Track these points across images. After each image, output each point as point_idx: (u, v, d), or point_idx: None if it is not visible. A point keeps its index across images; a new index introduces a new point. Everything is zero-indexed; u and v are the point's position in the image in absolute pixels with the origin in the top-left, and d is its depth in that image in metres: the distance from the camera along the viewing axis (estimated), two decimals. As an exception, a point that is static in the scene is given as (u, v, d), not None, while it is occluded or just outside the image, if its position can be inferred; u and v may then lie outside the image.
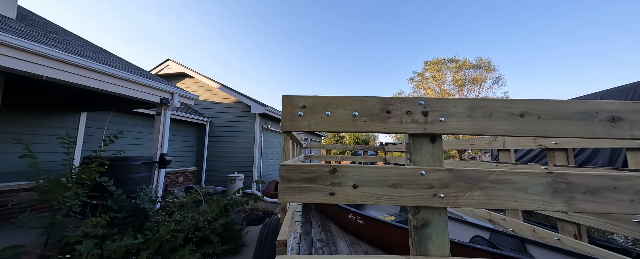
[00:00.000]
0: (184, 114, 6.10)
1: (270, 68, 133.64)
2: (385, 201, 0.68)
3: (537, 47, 39.36)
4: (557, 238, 1.41)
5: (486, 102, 0.68)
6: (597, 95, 3.58)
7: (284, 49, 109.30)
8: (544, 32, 37.58)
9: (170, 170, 5.89)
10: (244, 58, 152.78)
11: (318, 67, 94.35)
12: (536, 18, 36.68)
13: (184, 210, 2.90)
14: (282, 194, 0.67)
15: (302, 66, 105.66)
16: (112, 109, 3.99)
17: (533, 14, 36.71)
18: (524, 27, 37.90)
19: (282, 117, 0.72)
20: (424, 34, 50.87)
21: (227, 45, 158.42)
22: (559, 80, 45.16)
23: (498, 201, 0.65)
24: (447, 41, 45.86)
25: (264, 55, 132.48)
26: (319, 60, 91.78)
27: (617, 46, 36.73)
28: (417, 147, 0.72)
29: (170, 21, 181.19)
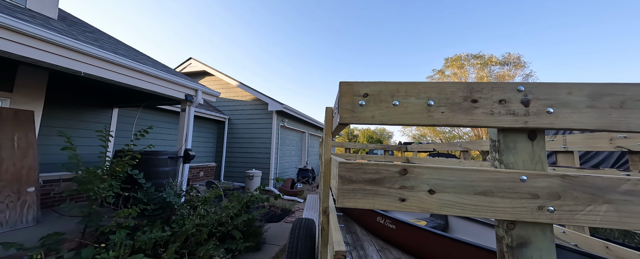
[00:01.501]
0: (205, 111, 6.26)
1: (279, 68, 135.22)
2: (471, 211, 0.54)
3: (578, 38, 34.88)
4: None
5: (616, 88, 0.52)
6: None
7: (288, 47, 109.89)
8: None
9: (192, 165, 6.09)
10: (262, 60, 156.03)
11: (323, 70, 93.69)
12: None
13: (207, 205, 2.93)
14: (343, 197, 0.56)
15: (301, 69, 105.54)
16: (141, 105, 4.16)
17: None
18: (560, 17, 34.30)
19: (340, 108, 0.60)
20: (448, 29, 48.44)
21: (245, 47, 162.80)
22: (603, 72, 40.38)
23: (635, 220, 0.49)
24: (474, 36, 43.20)
25: (273, 55, 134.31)
26: (324, 64, 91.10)
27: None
28: (510, 146, 0.57)
29: (192, 22, 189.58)
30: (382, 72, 71.63)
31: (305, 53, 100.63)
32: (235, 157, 7.06)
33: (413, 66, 60.31)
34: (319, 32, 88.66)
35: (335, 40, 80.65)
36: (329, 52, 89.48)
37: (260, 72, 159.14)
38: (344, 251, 0.72)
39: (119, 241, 2.00)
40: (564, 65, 38.32)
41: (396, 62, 65.68)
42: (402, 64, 64.16)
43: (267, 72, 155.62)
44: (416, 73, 65.64)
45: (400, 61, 64.69)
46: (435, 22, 49.16)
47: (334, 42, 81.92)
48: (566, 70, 38.44)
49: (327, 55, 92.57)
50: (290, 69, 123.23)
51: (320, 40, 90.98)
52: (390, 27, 61.15)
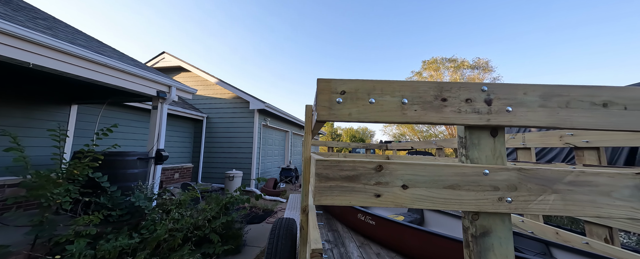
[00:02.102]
0: (181, 109, 5.90)
1: (264, 67, 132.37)
2: (441, 204, 0.57)
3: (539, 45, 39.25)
4: (586, 242, 1.34)
5: (563, 89, 0.58)
6: None
7: (279, 48, 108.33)
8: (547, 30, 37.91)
9: (166, 166, 5.71)
10: (245, 56, 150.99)
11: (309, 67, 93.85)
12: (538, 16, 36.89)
13: (182, 208, 2.76)
14: (320, 194, 0.56)
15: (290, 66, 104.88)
16: (105, 101, 3.79)
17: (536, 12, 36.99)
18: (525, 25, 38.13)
19: (318, 105, 0.60)
20: (422, 33, 51.01)
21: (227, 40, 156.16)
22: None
23: (577, 207, 0.55)
24: (446, 41, 46.08)
25: (257, 53, 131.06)
26: (309, 60, 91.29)
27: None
28: (475, 142, 0.61)
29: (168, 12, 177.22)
30: (368, 68, 73.37)
31: (293, 48, 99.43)
32: (214, 157, 6.76)
33: (394, 67, 62.71)
34: (310, 27, 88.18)
35: (325, 35, 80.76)
36: (317, 47, 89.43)
37: (245, 68, 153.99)
38: (321, 249, 0.72)
39: (78, 251, 1.81)
40: (526, 69, 43.01)
41: (381, 58, 67.77)
42: (385, 60, 66.36)
43: (251, 68, 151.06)
44: (397, 73, 68.39)
45: (383, 59, 66.82)
46: (417, 24, 51.64)
47: (324, 37, 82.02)
48: (528, 74, 43.14)
49: (314, 49, 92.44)
50: (276, 64, 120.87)
51: (309, 35, 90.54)
52: (379, 23, 62.79)
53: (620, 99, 0.56)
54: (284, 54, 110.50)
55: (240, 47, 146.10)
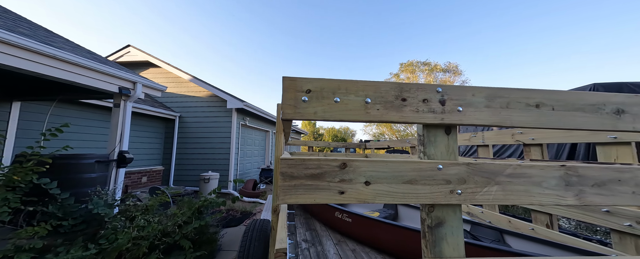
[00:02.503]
0: (149, 108, 5.46)
1: (239, 66, 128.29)
2: (400, 199, 0.61)
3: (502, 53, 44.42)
4: (532, 228, 1.51)
5: (504, 92, 0.65)
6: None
7: (254, 44, 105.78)
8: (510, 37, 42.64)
9: (131, 170, 5.25)
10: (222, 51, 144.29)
11: (289, 65, 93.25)
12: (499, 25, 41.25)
13: (149, 214, 2.56)
14: (284, 194, 0.56)
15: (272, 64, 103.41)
16: (55, 98, 3.36)
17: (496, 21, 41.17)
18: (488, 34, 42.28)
19: (283, 103, 0.60)
20: (401, 37, 53.44)
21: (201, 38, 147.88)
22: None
23: (515, 196, 0.62)
24: (421, 45, 48.88)
25: (234, 53, 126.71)
26: (289, 57, 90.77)
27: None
28: (432, 140, 0.66)
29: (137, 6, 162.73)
30: (350, 68, 74.76)
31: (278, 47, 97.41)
32: (187, 159, 6.37)
33: (375, 67, 64.83)
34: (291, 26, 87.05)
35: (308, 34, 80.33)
36: (300, 47, 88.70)
37: (225, 66, 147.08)
38: (285, 249, 0.72)
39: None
40: (490, 73, 47.95)
41: (362, 57, 69.53)
42: (367, 63, 68.25)
43: (230, 65, 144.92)
44: (377, 74, 70.80)
45: (364, 59, 68.65)
46: (398, 28, 54.01)
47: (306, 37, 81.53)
48: (492, 78, 48.16)
49: (297, 49, 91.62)
50: (260, 63, 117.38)
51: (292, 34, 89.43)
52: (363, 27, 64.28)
53: (549, 100, 0.65)
54: (269, 53, 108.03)
55: (222, 44, 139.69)
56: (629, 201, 0.62)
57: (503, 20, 40.22)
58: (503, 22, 40.40)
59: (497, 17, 39.98)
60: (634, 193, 0.62)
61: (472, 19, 41.42)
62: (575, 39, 41.27)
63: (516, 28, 40.57)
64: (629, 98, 0.64)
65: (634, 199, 0.62)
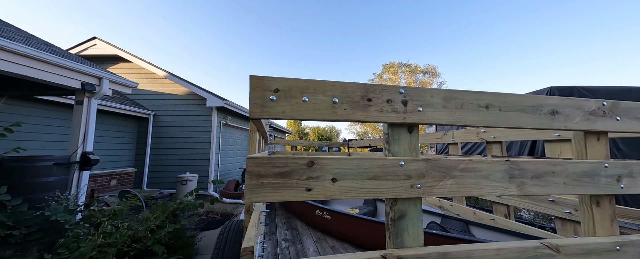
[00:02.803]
0: (119, 105, 5.08)
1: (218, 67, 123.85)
2: (365, 194, 0.64)
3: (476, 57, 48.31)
4: (492, 218, 1.66)
5: (459, 94, 0.70)
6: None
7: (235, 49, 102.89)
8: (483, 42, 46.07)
9: (98, 172, 4.85)
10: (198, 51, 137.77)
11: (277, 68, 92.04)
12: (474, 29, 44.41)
13: (118, 219, 2.39)
14: (250, 192, 0.56)
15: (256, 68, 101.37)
16: (4, 94, 3.00)
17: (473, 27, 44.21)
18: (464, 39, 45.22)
19: (250, 102, 0.60)
20: (384, 39, 55.04)
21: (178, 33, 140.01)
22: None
23: (467, 189, 0.68)
24: (403, 47, 50.83)
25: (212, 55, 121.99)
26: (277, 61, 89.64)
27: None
28: (396, 138, 0.70)
29: None
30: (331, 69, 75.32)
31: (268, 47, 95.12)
32: (163, 160, 6.02)
33: (360, 69, 66.08)
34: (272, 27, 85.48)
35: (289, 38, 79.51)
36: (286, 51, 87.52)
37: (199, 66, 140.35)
38: (252, 247, 0.72)
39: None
40: (465, 76, 51.59)
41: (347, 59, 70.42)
42: (351, 65, 69.27)
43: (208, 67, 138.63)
44: (361, 75, 72.11)
45: (349, 61, 69.58)
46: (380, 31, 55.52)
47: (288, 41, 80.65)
48: (468, 80, 51.85)
49: (285, 54, 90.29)
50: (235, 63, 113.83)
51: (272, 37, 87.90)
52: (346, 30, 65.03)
53: (497, 102, 0.72)
54: (256, 58, 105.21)
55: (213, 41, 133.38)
56: (561, 190, 0.71)
57: (476, 25, 43.57)
58: (476, 27, 43.79)
59: (472, 22, 43.17)
60: (564, 183, 0.71)
61: (449, 23, 44.15)
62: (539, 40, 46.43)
63: (488, 31, 44.31)
64: (561, 101, 0.74)
65: (565, 189, 0.71)
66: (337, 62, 74.03)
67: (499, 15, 43.86)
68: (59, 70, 2.43)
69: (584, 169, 0.73)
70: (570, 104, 0.74)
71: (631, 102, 0.77)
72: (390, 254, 0.61)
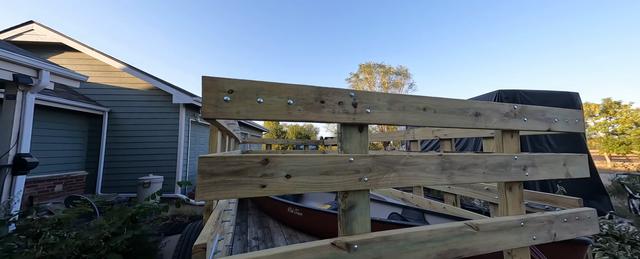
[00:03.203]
0: (65, 101, 4.46)
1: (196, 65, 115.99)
2: (317, 188, 0.70)
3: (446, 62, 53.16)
4: (444, 207, 1.87)
5: (401, 97, 0.80)
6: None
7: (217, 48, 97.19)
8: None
9: (39, 177, 4.23)
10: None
11: (263, 64, 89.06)
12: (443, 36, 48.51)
13: (63, 229, 2.14)
14: (202, 191, 0.58)
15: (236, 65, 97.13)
16: None
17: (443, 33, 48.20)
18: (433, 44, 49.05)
19: (203, 102, 0.61)
20: (361, 40, 56.71)
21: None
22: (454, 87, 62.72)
23: (407, 180, 0.78)
24: (378, 48, 53.11)
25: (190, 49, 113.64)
26: (263, 57, 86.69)
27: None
28: (348, 136, 0.77)
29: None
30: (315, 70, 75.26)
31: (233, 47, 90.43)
32: (121, 161, 5.46)
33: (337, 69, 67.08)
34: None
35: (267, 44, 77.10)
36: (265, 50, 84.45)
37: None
38: (204, 244, 0.74)
39: None
40: (434, 78, 56.20)
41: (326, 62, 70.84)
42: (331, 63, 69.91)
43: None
44: (338, 76, 73.50)
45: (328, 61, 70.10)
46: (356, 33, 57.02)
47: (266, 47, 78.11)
48: (437, 83, 56.49)
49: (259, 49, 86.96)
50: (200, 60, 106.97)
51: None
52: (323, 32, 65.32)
53: (433, 105, 0.83)
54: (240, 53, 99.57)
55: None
56: (482, 179, 0.86)
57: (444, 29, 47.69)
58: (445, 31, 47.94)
59: (441, 26, 47.06)
60: (484, 173, 0.86)
61: (423, 28, 47.49)
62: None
63: (455, 37, 48.89)
64: (483, 105, 0.88)
65: (485, 177, 0.86)
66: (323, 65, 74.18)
67: (466, 23, 48.98)
68: (-20, 58, 2.07)
69: (499, 161, 0.88)
70: (490, 108, 0.88)
71: (535, 106, 0.95)
72: (339, 241, 0.68)
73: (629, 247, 1.38)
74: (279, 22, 73.88)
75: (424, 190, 2.56)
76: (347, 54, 60.71)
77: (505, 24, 53.40)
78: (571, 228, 0.94)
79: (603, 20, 56.62)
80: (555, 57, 71.35)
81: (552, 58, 71.89)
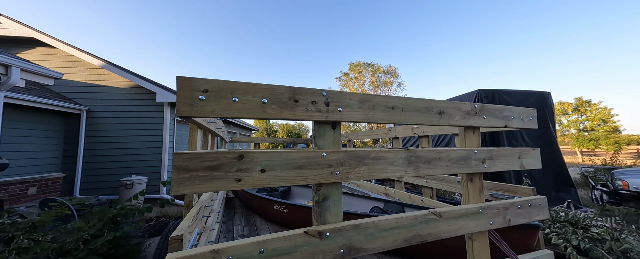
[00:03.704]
0: (38, 99, 4.21)
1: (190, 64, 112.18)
2: (291, 182, 0.74)
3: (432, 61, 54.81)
4: (421, 200, 1.98)
5: (371, 97, 0.86)
6: (454, 99, 5.14)
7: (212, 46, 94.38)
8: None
9: (10, 180, 3.98)
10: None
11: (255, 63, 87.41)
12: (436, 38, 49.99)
13: (38, 232, 2.06)
14: (178, 185, 0.61)
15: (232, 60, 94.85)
16: None
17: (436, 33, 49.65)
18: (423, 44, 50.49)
19: (178, 101, 0.64)
20: (351, 39, 57.12)
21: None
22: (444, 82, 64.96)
23: (376, 173, 0.84)
24: (368, 47, 53.77)
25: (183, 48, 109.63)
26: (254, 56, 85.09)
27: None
28: (321, 133, 0.82)
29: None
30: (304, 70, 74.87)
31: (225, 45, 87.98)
32: (101, 162, 5.23)
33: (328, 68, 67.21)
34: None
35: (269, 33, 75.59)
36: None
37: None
38: (181, 236, 0.77)
39: None
40: (423, 78, 57.78)
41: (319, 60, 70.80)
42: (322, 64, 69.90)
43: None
44: (329, 75, 73.76)
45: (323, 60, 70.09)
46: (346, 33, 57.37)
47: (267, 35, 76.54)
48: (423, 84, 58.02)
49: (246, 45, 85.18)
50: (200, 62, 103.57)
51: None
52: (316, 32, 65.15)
53: (400, 104, 0.90)
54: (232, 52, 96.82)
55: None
56: (445, 171, 0.94)
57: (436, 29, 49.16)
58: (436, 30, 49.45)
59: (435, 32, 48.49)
60: (447, 166, 0.94)
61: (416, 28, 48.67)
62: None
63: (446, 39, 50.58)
64: (446, 104, 0.96)
65: (448, 169, 0.94)
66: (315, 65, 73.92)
67: (453, 28, 50.67)
68: (-60, 53, 1.93)
69: (461, 154, 0.97)
70: (453, 106, 0.97)
71: (494, 105, 1.05)
72: (312, 229, 0.74)
73: (581, 231, 1.54)
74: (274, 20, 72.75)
75: (409, 185, 2.67)
76: (339, 52, 61.02)
77: (506, 26, 56.09)
78: (524, 213, 1.05)
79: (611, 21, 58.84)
80: (555, 59, 74.35)
81: (553, 60, 74.80)
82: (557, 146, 4.10)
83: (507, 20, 60.82)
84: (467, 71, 69.02)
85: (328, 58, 66.37)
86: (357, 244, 0.77)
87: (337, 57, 61.93)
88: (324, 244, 0.73)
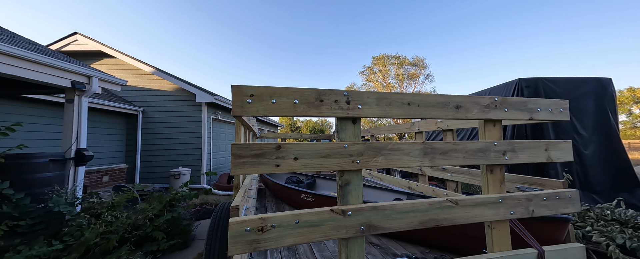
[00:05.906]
0: (107, 102, 5.08)
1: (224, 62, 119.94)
2: (318, 167, 0.89)
3: (465, 51, 50.02)
4: (446, 193, 1.99)
5: (388, 95, 0.96)
6: (485, 91, 4.77)
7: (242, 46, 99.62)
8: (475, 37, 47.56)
9: (91, 169, 4.91)
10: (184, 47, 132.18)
11: (285, 63, 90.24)
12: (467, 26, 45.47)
13: (116, 210, 2.58)
14: (234, 168, 0.80)
15: (266, 63, 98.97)
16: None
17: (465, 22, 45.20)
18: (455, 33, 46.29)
19: (233, 104, 0.83)
20: (371, 30, 55.01)
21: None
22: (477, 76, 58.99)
23: (392, 162, 0.95)
24: (392, 39, 51.18)
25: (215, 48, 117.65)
26: (284, 57, 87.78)
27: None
28: (343, 128, 0.95)
29: None
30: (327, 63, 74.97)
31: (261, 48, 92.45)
32: (154, 155, 6.10)
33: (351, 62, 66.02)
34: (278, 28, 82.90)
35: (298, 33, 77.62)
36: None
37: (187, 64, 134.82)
38: (237, 206, 0.97)
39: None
40: (454, 69, 53.11)
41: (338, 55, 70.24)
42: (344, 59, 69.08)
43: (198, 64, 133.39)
44: (353, 69, 72.45)
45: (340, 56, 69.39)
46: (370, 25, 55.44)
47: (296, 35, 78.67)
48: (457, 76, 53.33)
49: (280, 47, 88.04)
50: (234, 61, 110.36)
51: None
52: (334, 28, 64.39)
53: (416, 100, 0.98)
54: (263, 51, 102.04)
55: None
56: (461, 162, 1.00)
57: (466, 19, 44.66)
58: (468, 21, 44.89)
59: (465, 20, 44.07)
60: (464, 157, 1.00)
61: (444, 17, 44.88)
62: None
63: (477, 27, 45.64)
64: (463, 98, 1.01)
65: (464, 161, 1.00)
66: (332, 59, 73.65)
67: (489, 14, 45.22)
68: (49, 70, 2.51)
69: (479, 147, 1.01)
70: (470, 101, 1.01)
71: (515, 98, 1.06)
72: (337, 208, 0.88)
73: (631, 230, 1.41)
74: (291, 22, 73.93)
75: (436, 182, 2.65)
76: (363, 45, 59.38)
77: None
78: (550, 205, 1.05)
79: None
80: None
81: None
82: (618, 140, 3.58)
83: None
84: (523, 56, 61.29)
85: (355, 52, 65.11)
86: (376, 223, 0.89)
87: (365, 50, 60.34)
88: (346, 221, 0.87)
